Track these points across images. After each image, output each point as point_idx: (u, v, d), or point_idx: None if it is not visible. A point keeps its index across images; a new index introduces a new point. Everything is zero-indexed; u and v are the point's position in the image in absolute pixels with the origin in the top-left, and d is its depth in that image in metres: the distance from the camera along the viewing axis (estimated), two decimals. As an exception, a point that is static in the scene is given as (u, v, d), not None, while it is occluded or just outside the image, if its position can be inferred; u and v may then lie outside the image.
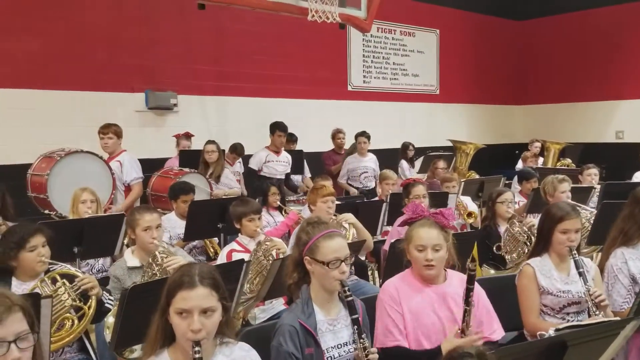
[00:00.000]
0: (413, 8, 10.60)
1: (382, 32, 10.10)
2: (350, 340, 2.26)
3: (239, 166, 7.27)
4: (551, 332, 1.88)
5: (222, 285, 1.90)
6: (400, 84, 10.54)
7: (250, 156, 7.12)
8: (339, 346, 2.26)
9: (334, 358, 2.23)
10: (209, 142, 6.64)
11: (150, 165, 6.23)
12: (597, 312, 2.65)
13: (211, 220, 4.59)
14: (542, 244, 2.96)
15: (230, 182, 6.73)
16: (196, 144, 7.22)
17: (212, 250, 4.71)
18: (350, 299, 2.24)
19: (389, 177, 5.80)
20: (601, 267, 3.17)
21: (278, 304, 3.84)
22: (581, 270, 2.76)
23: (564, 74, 12.29)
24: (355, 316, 2.22)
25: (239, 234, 4.01)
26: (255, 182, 6.64)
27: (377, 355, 2.14)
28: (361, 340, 2.15)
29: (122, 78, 7.17)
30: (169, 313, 1.84)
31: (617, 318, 2.45)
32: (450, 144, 9.29)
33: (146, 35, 7.36)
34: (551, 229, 2.88)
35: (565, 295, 2.84)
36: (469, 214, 5.09)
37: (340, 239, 2.28)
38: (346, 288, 2.24)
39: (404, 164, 8.36)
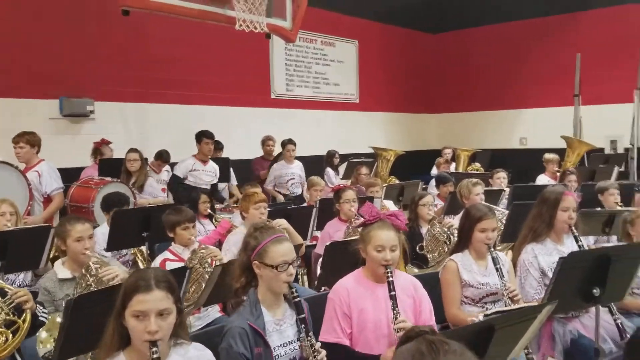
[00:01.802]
0: (334, 19, 10.92)
1: (304, 41, 10.33)
2: (295, 339, 2.39)
3: (166, 174, 7.15)
4: (480, 317, 2.10)
5: (177, 288, 1.98)
6: (322, 93, 10.82)
7: (175, 164, 7.06)
8: (285, 345, 2.37)
9: (281, 356, 2.35)
10: (131, 150, 6.52)
11: (65, 175, 5.98)
12: (512, 305, 2.94)
13: (135, 229, 4.53)
14: (463, 241, 3.23)
15: (155, 191, 6.64)
16: (115, 153, 7.07)
17: (142, 260, 4.66)
18: (297, 299, 2.36)
19: (317, 183, 5.98)
20: (514, 262, 3.49)
21: (214, 312, 3.89)
22: (498, 266, 3.05)
23: (473, 84, 13.07)
24: (302, 316, 2.35)
25: (172, 243, 4.02)
26: (180, 190, 6.56)
27: (324, 352, 2.28)
28: (308, 338, 2.29)
29: (34, 84, 6.90)
30: (124, 317, 1.90)
31: (535, 304, 2.72)
32: (371, 151, 9.64)
33: (62, 40, 7.12)
34: (471, 228, 3.16)
35: (484, 287, 3.12)
36: (392, 216, 5.35)
37: (288, 243, 2.40)
38: (294, 289, 2.36)
39: (329, 171, 8.58)
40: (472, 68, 13.10)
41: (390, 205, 5.78)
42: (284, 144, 7.68)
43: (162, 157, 7.12)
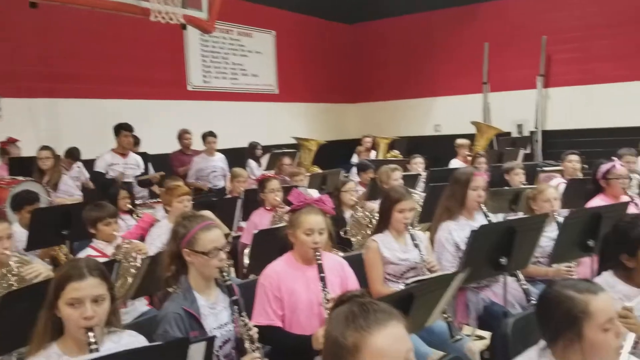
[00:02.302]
0: (250, 9, 10.87)
1: (220, 32, 10.21)
2: (230, 320, 2.46)
3: (77, 171, 6.92)
4: (400, 287, 2.26)
5: (109, 276, 2.01)
6: (240, 84, 10.77)
7: (92, 160, 6.84)
8: (220, 327, 2.45)
9: (216, 338, 2.42)
10: (43, 147, 6.26)
11: (-32, 176, 5.70)
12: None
13: (55, 227, 4.44)
14: (383, 222, 3.42)
15: (70, 189, 6.42)
16: (26, 151, 6.76)
17: (63, 258, 4.53)
18: (229, 282, 2.44)
19: (241, 174, 6.01)
20: (432, 239, 3.72)
21: (141, 305, 3.86)
22: (416, 242, 3.26)
23: (389, 74, 13.45)
24: (235, 297, 2.43)
25: (93, 239, 3.95)
26: (103, 186, 6.39)
27: (255, 329, 2.37)
28: (242, 317, 2.37)
29: None
30: (58, 307, 1.91)
31: (450, 272, 2.93)
32: (293, 141, 9.75)
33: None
34: (390, 209, 3.34)
35: (404, 263, 3.31)
36: (317, 202, 5.49)
37: (217, 230, 2.46)
38: (224, 273, 2.43)
39: (251, 162, 8.59)
40: (387, 58, 13.48)
41: (315, 194, 5.91)
42: (204, 136, 7.63)
43: (72, 155, 6.91)
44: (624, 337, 1.71)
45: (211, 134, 7.55)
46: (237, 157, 8.59)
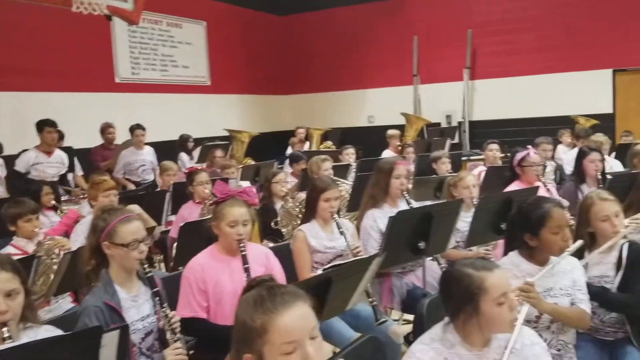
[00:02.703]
0: (179, 0, 10.68)
1: (148, 22, 9.98)
2: (152, 312, 2.47)
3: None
4: (319, 271, 2.34)
5: (22, 270, 1.98)
6: (170, 76, 10.57)
7: (14, 156, 6.54)
8: (142, 319, 2.45)
9: (139, 330, 2.42)
10: (-38, 143, 5.96)
11: None
12: (356, 262, 3.25)
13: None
14: (309, 211, 3.49)
15: (-10, 186, 6.14)
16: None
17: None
18: (150, 274, 2.44)
19: (170, 168, 5.93)
20: (358, 227, 3.83)
21: (65, 303, 3.79)
22: (342, 230, 3.35)
23: (323, 65, 13.57)
24: (156, 289, 2.43)
25: (14, 237, 3.83)
26: (23, 186, 6.11)
27: (178, 318, 2.39)
28: (163, 308, 2.38)
29: None
30: None
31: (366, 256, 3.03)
32: (226, 134, 9.68)
33: None
34: (316, 199, 3.42)
35: (331, 251, 3.40)
36: (249, 195, 5.51)
37: (137, 222, 2.46)
38: (145, 266, 2.43)
39: (183, 156, 8.47)
40: (321, 50, 13.58)
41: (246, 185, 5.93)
42: (132, 129, 7.43)
43: (-8, 150, 6.58)
44: (518, 310, 1.85)
45: (139, 126, 7.38)
46: (168, 150, 8.45)
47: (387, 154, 8.52)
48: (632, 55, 10.85)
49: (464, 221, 3.73)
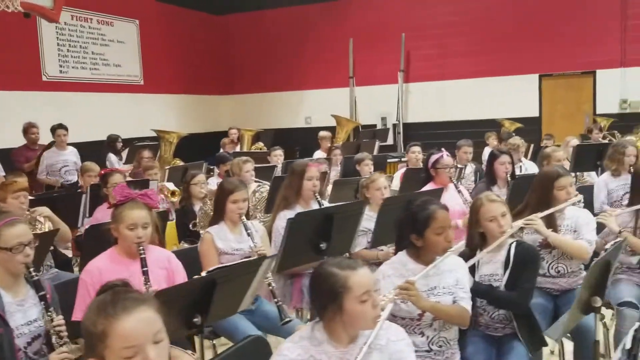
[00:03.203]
0: (109, -3, 10.47)
1: (77, 20, 9.72)
2: (40, 317, 2.43)
3: None
4: (203, 274, 2.36)
5: None
6: (101, 74, 10.33)
7: None
8: (29, 323, 2.41)
9: (24, 334, 2.39)
10: None
11: None
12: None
13: None
14: (218, 213, 3.50)
15: None
16: None
17: None
18: (35, 278, 2.40)
19: (91, 169, 5.80)
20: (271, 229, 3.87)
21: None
22: (249, 231, 3.38)
23: (261, 66, 13.57)
24: (42, 293, 2.40)
25: None
26: None
27: (63, 321, 2.36)
28: (48, 313, 2.35)
29: None
30: None
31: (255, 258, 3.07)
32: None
33: None
34: (224, 200, 3.43)
35: (238, 253, 3.41)
36: (173, 193, 5.46)
37: (22, 225, 2.42)
38: (31, 269, 2.40)
39: (111, 156, 8.29)
40: (259, 50, 13.57)
41: (171, 187, 5.87)
42: (53, 129, 7.21)
43: None
44: (382, 307, 1.94)
45: (61, 126, 7.17)
46: (96, 150, 8.26)
47: (319, 154, 8.62)
48: (557, 60, 11.39)
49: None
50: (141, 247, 2.78)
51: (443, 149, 4.84)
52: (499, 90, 11.70)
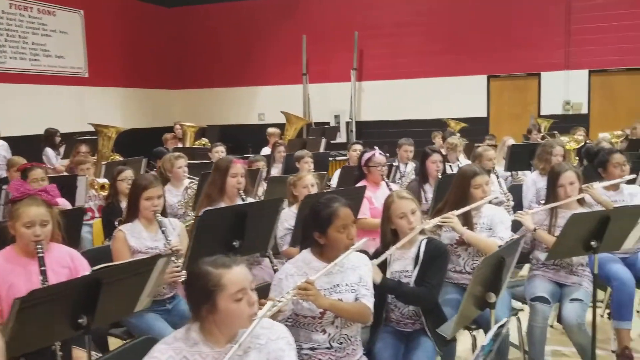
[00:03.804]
0: (51, -14, 10.15)
1: (16, 9, 9.39)
2: None
3: None
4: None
5: None
6: (42, 66, 9.99)
7: None
8: None
9: None
10: None
11: None
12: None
13: None
14: (131, 210, 3.40)
15: None
16: None
17: None
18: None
19: (18, 163, 5.59)
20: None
21: None
22: (163, 229, 3.30)
23: (215, 61, 13.40)
24: None
25: None
26: None
27: None
28: None
29: None
30: None
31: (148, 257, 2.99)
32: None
33: None
34: (138, 197, 3.34)
35: (152, 251, 3.31)
36: (102, 187, 5.31)
37: None
38: None
39: (48, 151, 8.04)
40: (212, 44, 13.41)
41: (101, 181, 5.71)
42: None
43: None
44: (259, 305, 1.90)
45: (-11, 119, 6.92)
46: (35, 145, 8.00)
47: (265, 151, 8.55)
48: (504, 62, 11.61)
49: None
50: (39, 246, 2.67)
51: (376, 147, 4.85)
52: (449, 90, 11.86)
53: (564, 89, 11.30)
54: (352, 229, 2.51)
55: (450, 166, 6.66)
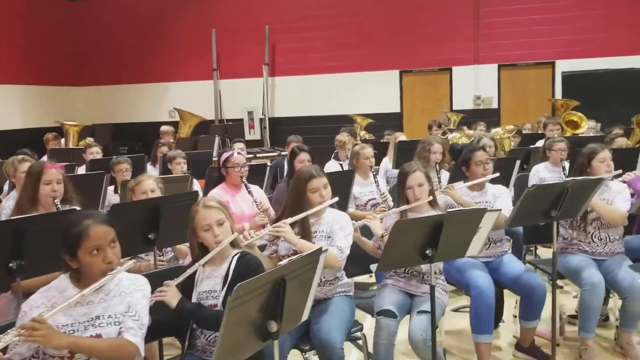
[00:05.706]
0: None
1: None
2: None
3: None
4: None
5: None
6: None
7: None
8: None
9: None
10: None
11: None
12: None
13: None
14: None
15: None
16: None
17: None
18: None
19: None
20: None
21: None
22: None
23: (120, 56, 12.72)
24: None
25: None
26: None
27: None
28: None
29: None
30: None
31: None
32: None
33: None
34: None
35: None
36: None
37: None
38: None
39: None
40: (117, 39, 12.71)
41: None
42: None
43: None
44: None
45: None
46: None
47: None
48: (416, 57, 11.49)
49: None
50: None
51: (235, 147, 4.47)
52: (362, 85, 11.66)
53: (474, 83, 11.28)
54: (110, 251, 2.08)
55: (341, 164, 6.40)
